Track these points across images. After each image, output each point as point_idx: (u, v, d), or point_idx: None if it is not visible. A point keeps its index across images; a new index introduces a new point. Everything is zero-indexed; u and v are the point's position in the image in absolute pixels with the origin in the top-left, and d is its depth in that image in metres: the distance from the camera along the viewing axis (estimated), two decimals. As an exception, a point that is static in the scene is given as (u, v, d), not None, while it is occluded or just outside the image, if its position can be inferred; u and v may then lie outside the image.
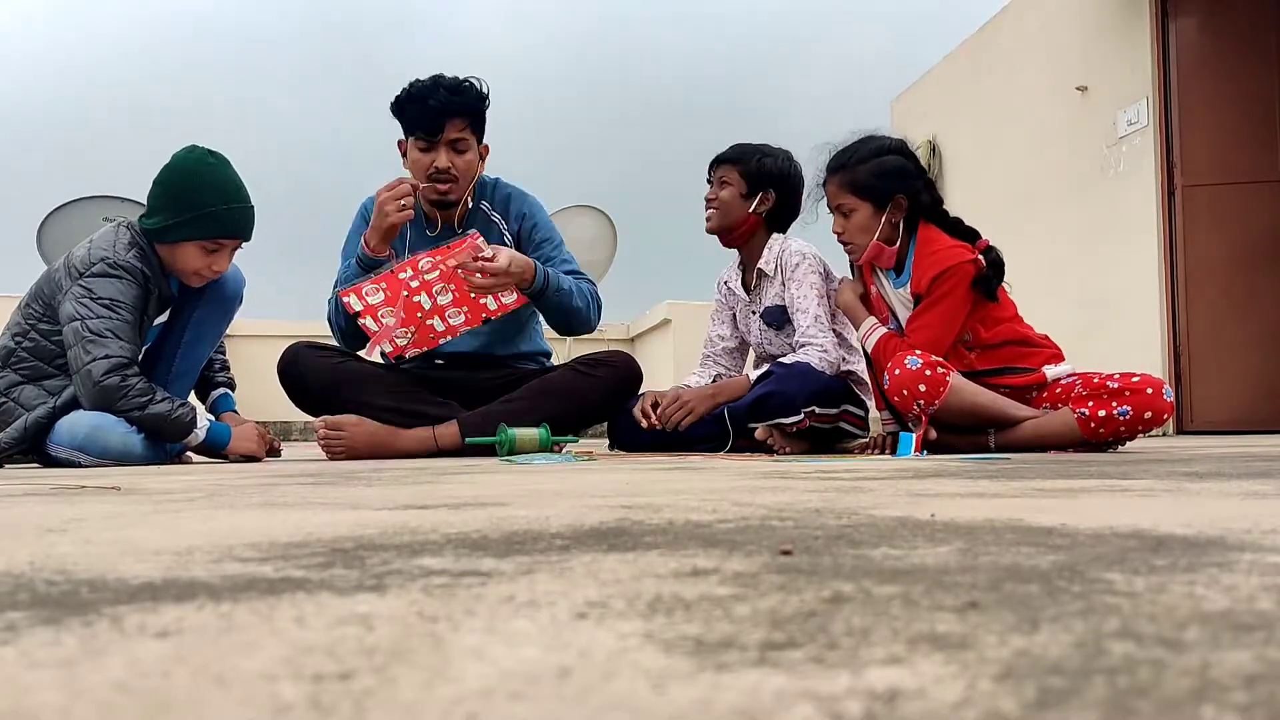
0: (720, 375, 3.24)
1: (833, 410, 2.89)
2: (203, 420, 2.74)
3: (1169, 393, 2.50)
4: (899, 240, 2.71)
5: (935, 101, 7.60)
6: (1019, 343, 2.67)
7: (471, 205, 3.15)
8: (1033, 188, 6.41)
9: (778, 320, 3.07)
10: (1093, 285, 5.82)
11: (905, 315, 2.71)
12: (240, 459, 2.96)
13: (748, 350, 3.33)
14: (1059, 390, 2.58)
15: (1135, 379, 2.50)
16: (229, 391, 3.13)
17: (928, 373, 2.48)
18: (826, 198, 2.81)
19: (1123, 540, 0.65)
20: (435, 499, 1.12)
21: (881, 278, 2.78)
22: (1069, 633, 0.38)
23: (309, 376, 3.03)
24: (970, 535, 0.69)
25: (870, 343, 2.71)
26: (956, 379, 2.52)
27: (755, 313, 3.14)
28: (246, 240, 2.84)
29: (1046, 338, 2.74)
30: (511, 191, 3.22)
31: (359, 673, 0.34)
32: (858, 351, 2.94)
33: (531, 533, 0.75)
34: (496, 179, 3.24)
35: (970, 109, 7.14)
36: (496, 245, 2.91)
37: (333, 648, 0.37)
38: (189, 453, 2.98)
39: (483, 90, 3.04)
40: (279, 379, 3.07)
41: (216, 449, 2.84)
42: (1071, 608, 0.42)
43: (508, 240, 3.13)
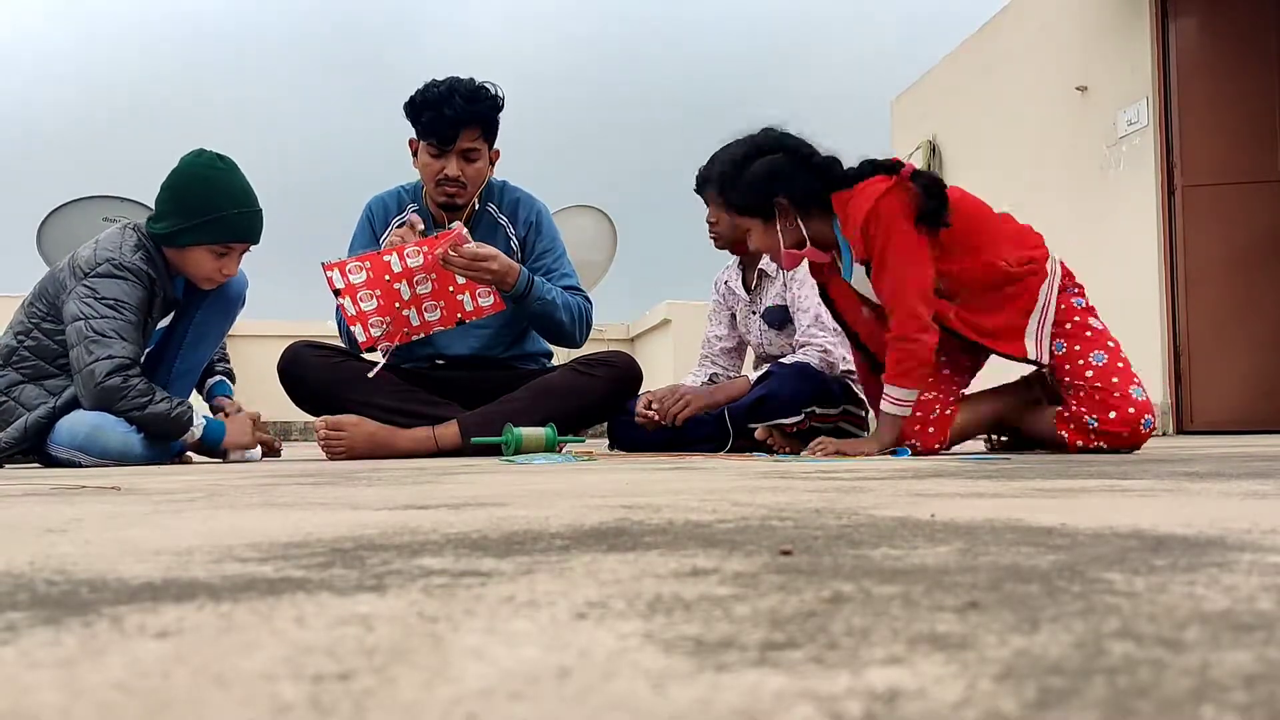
0: (717, 375, 3.24)
1: (833, 410, 2.90)
2: (199, 419, 2.75)
3: (1147, 423, 2.40)
4: (815, 232, 2.47)
5: (935, 101, 7.61)
6: (997, 284, 2.43)
7: (478, 207, 3.15)
8: (1033, 188, 6.41)
9: (779, 320, 3.07)
10: (1093, 285, 5.78)
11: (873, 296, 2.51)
12: (239, 458, 2.97)
13: (745, 350, 3.32)
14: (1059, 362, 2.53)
15: (1118, 398, 2.41)
16: (225, 379, 3.12)
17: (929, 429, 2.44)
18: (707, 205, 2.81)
19: (1123, 540, 0.65)
20: (435, 499, 1.12)
21: (843, 273, 2.54)
22: (1069, 633, 0.38)
23: (309, 376, 3.03)
24: (970, 535, 0.69)
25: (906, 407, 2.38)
26: (956, 423, 2.48)
27: (756, 313, 3.14)
28: (255, 243, 2.85)
29: (1019, 254, 2.49)
30: (520, 196, 3.22)
31: (359, 673, 0.34)
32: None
33: (531, 533, 0.75)
34: (504, 182, 3.24)
35: (970, 109, 7.14)
36: (485, 245, 2.88)
37: (333, 648, 0.37)
38: (189, 453, 2.99)
39: (498, 98, 3.03)
40: (279, 379, 3.07)
41: (213, 445, 2.85)
42: (1071, 608, 0.42)
43: (514, 245, 3.14)
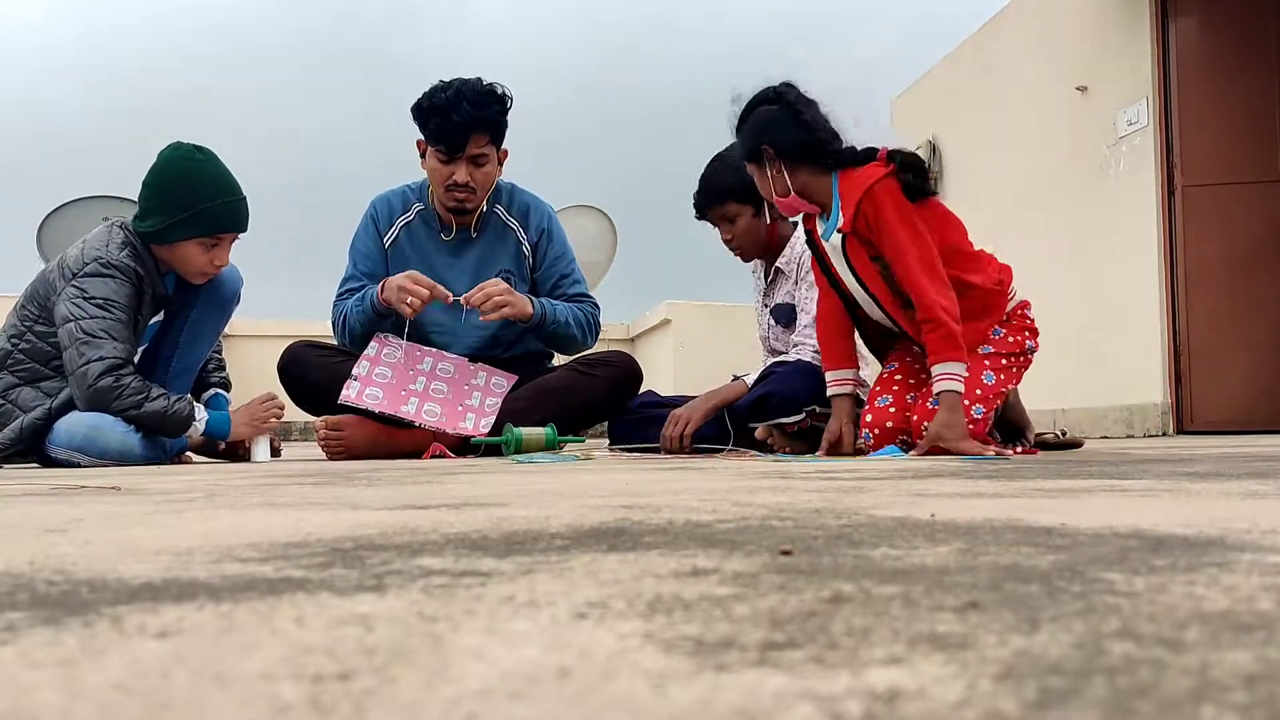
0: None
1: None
2: (201, 413, 2.74)
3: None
4: (806, 186, 2.49)
5: (935, 101, 7.60)
6: (962, 290, 2.42)
7: (486, 209, 3.16)
8: (1033, 188, 6.41)
9: (787, 318, 3.07)
10: (1093, 285, 5.81)
11: (844, 271, 2.50)
12: (242, 456, 2.96)
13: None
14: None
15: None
16: (222, 392, 3.12)
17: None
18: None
19: (1123, 540, 0.65)
20: (435, 499, 1.12)
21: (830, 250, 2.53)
22: (1069, 633, 0.38)
23: (309, 376, 3.03)
24: (970, 535, 0.69)
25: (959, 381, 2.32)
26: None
27: (768, 307, 3.15)
28: (243, 231, 2.84)
29: (986, 275, 2.49)
30: (531, 201, 3.24)
31: (359, 673, 0.34)
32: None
33: (531, 533, 0.75)
34: (512, 185, 3.25)
35: (970, 109, 7.14)
36: (504, 288, 2.93)
37: (333, 648, 0.37)
38: (189, 453, 2.98)
39: (506, 100, 3.02)
40: (279, 379, 3.07)
41: (219, 439, 2.84)
42: (1071, 608, 0.42)
43: (525, 249, 3.16)
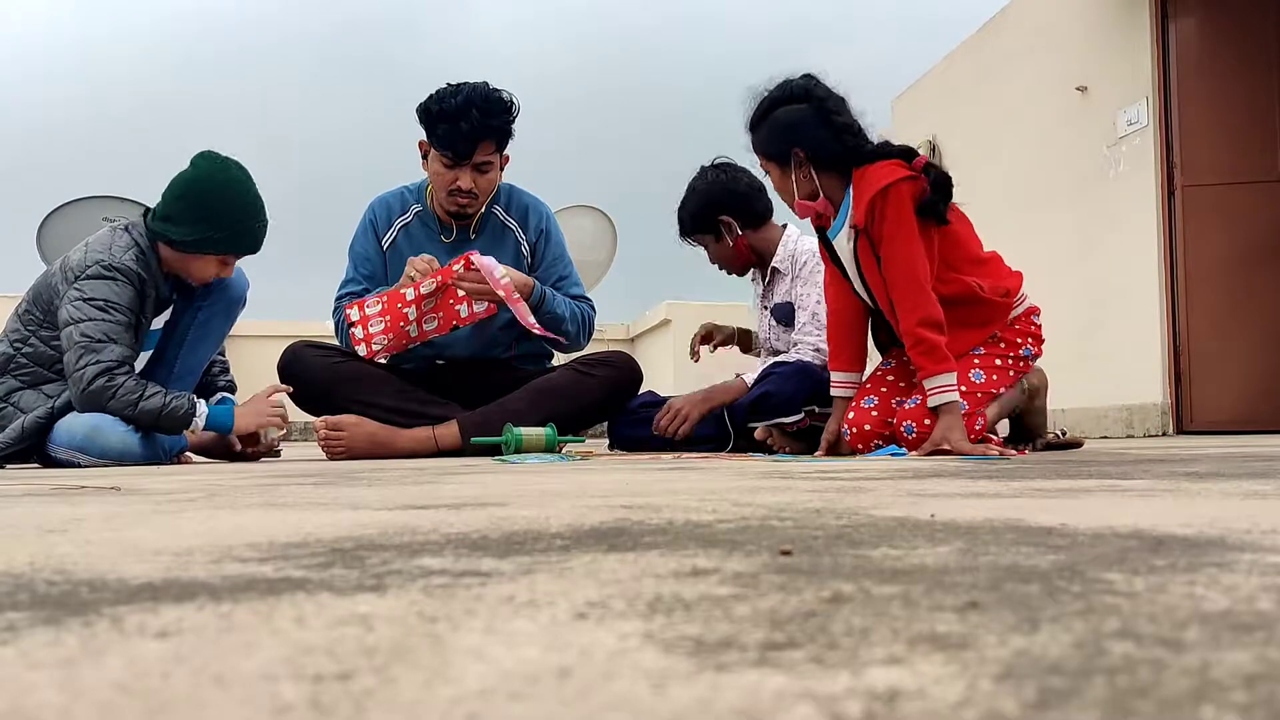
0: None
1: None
2: (202, 408, 2.73)
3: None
4: (826, 188, 2.44)
5: (935, 101, 7.60)
6: (967, 301, 2.42)
7: (484, 209, 3.16)
8: (1033, 188, 6.41)
9: (787, 317, 3.07)
10: (1093, 285, 5.81)
11: (851, 270, 2.46)
12: (246, 453, 2.95)
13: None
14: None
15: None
16: (228, 395, 3.12)
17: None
18: None
19: (1123, 540, 0.65)
20: (435, 499, 1.12)
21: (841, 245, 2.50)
22: (1069, 633, 0.38)
23: (309, 376, 3.03)
24: (970, 535, 0.69)
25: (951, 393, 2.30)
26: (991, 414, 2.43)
27: (766, 308, 3.15)
28: (257, 252, 2.87)
29: (994, 283, 2.47)
30: (530, 201, 3.24)
31: (359, 673, 0.34)
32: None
33: (531, 533, 0.75)
34: (511, 185, 3.25)
35: (970, 109, 7.14)
36: (499, 266, 2.87)
37: (333, 648, 0.37)
38: (189, 453, 2.98)
39: (513, 107, 3.01)
40: (279, 379, 3.07)
41: (222, 432, 2.83)
42: (1071, 608, 0.42)
43: (524, 250, 3.16)
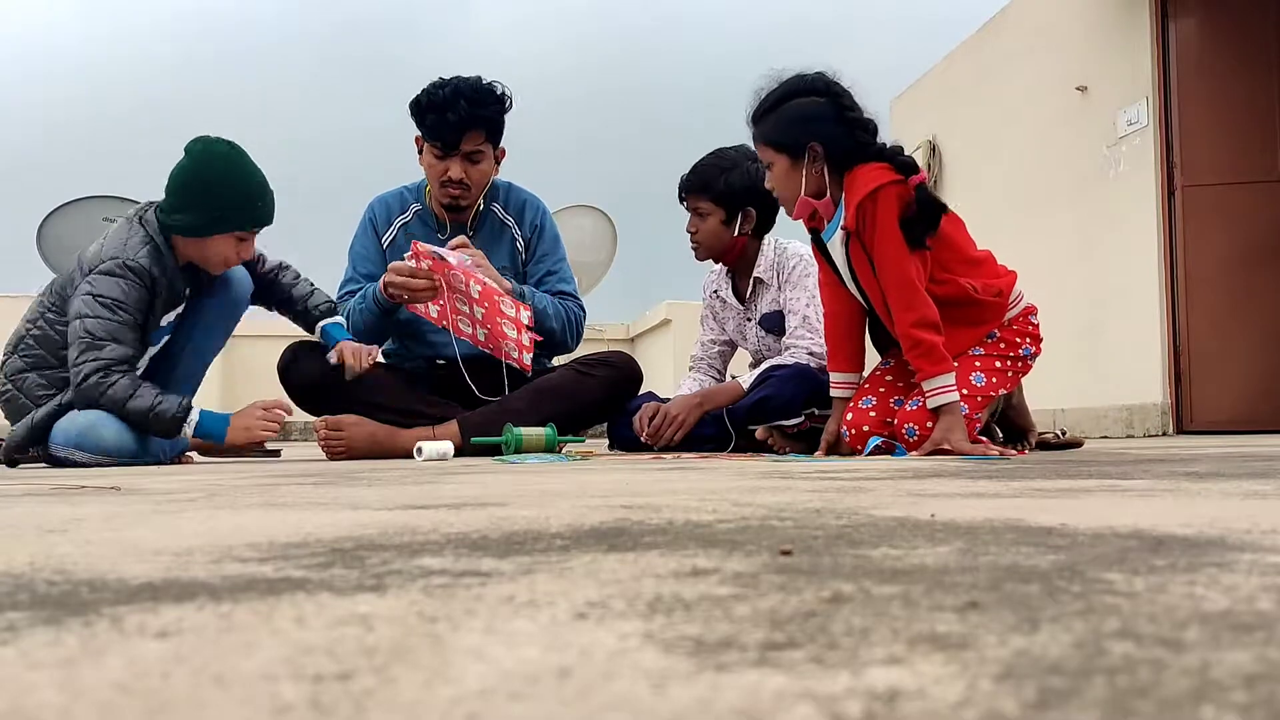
0: (712, 380, 3.20)
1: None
2: (194, 415, 2.69)
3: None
4: (830, 187, 2.38)
5: (935, 101, 7.60)
6: (960, 303, 2.39)
7: (483, 207, 3.16)
8: (1033, 188, 6.41)
9: (778, 325, 3.02)
10: (1093, 285, 5.81)
11: (845, 273, 2.42)
12: (258, 453, 2.93)
13: (734, 349, 3.28)
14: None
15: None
16: (339, 321, 2.99)
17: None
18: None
19: (1123, 540, 0.65)
20: (435, 499, 1.12)
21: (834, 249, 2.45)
22: (1069, 633, 0.38)
23: (308, 377, 3.03)
24: (970, 535, 0.69)
25: (950, 394, 2.28)
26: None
27: (751, 320, 3.09)
28: (271, 224, 2.84)
29: (988, 283, 2.44)
30: (527, 198, 3.24)
31: (359, 673, 0.34)
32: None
33: (531, 533, 0.75)
34: (510, 183, 3.25)
35: (970, 109, 7.14)
36: (469, 255, 2.87)
37: (333, 648, 0.37)
38: (192, 453, 2.97)
39: (504, 99, 3.01)
40: (279, 379, 3.07)
41: (214, 441, 2.77)
42: (1071, 608, 0.42)
43: (519, 246, 3.16)
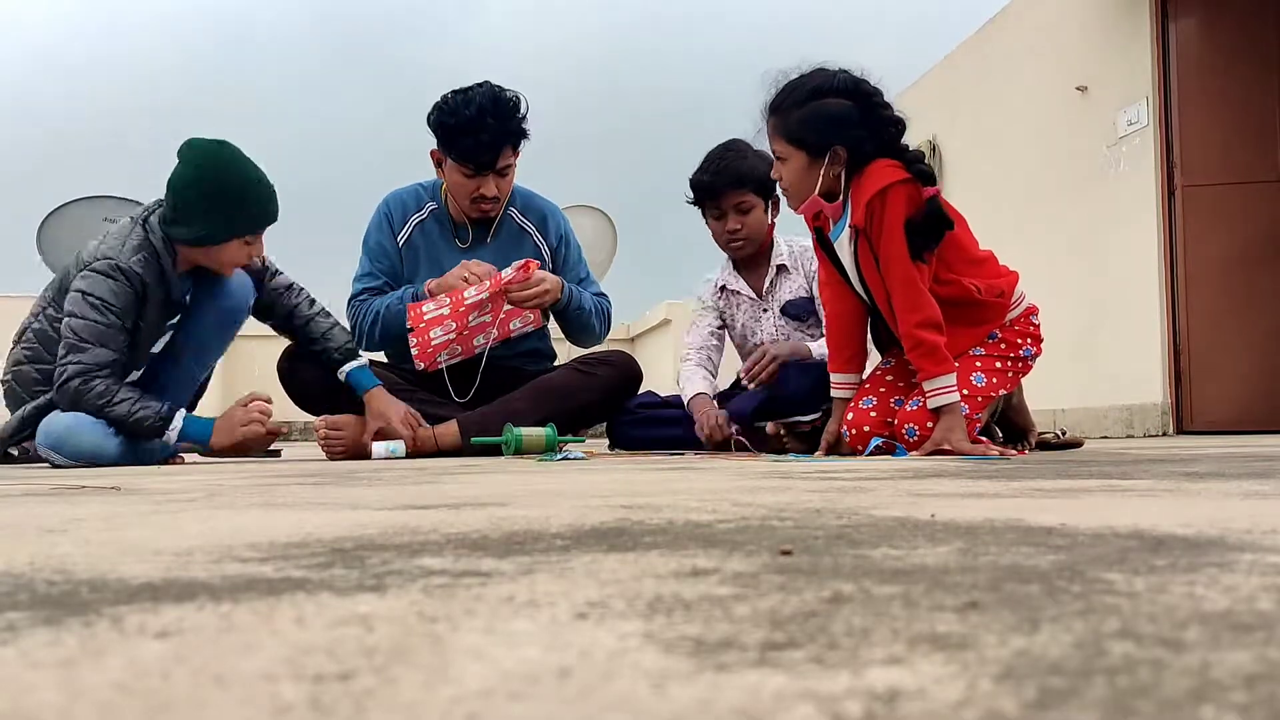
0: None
1: None
2: (176, 421, 2.65)
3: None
4: (842, 190, 2.35)
5: (935, 101, 7.60)
6: (963, 303, 2.37)
7: (500, 212, 3.17)
8: (1033, 188, 6.41)
9: (802, 312, 3.03)
10: (1093, 285, 5.81)
11: (851, 271, 2.40)
12: (259, 453, 2.91)
13: (724, 344, 3.24)
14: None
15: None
16: (363, 364, 2.96)
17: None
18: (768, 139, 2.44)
19: (1123, 540, 0.65)
20: (435, 499, 1.12)
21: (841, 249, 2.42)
22: (1069, 633, 0.38)
23: (308, 376, 3.03)
24: (970, 535, 0.69)
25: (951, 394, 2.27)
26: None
27: (768, 310, 3.08)
28: (276, 220, 2.83)
29: (990, 284, 2.41)
30: (545, 206, 3.27)
31: (359, 673, 0.34)
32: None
33: (531, 533, 0.75)
34: (524, 189, 3.25)
35: (970, 109, 7.14)
36: (538, 270, 2.95)
37: (333, 648, 0.37)
38: (183, 455, 2.95)
39: (523, 109, 3.01)
40: (279, 379, 3.07)
41: (199, 444, 2.72)
42: (1071, 608, 0.42)
43: (544, 253, 3.18)
